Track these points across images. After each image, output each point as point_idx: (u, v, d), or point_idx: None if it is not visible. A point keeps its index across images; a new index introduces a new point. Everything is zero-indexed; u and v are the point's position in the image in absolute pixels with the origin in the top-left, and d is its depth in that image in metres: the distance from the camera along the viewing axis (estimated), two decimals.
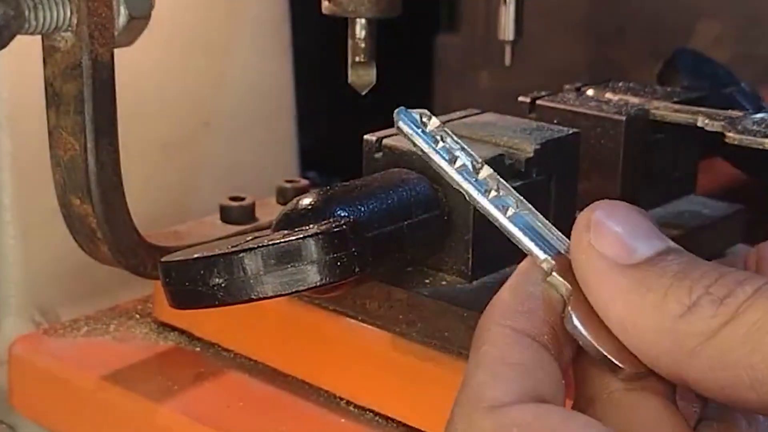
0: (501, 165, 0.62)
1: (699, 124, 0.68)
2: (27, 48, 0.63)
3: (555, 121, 0.70)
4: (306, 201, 0.57)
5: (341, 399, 0.67)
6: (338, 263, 0.53)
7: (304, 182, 0.82)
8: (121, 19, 0.63)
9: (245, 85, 0.93)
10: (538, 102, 0.73)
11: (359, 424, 0.65)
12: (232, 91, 0.92)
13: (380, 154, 0.64)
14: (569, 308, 0.42)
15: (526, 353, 0.41)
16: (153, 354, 0.74)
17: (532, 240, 0.44)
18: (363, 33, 0.70)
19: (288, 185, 0.81)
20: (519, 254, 0.45)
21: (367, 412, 0.66)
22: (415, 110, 0.46)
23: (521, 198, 0.45)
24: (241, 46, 0.92)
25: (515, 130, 0.66)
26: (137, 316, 0.78)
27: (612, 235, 0.41)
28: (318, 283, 0.52)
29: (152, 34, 0.67)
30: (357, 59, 0.70)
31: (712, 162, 0.80)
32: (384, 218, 0.58)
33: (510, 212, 0.44)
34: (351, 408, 0.67)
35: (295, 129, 0.98)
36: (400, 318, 0.63)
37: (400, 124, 0.46)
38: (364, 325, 0.65)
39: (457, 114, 0.69)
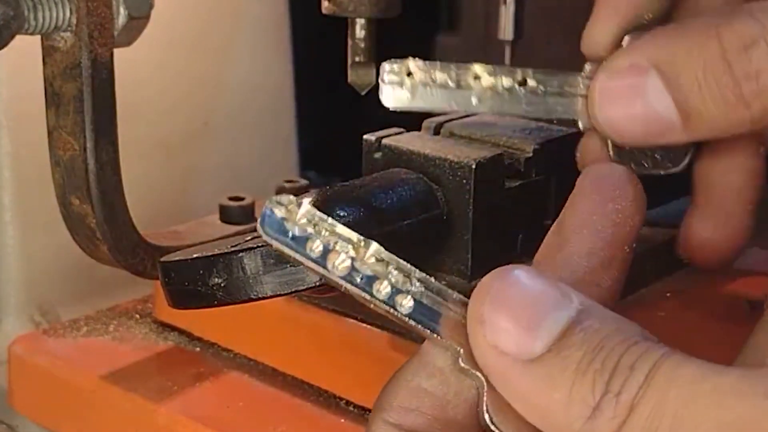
0: (500, 165, 0.62)
1: None
2: (27, 48, 0.63)
3: (554, 121, 0.70)
4: (305, 201, 0.57)
5: (341, 399, 0.67)
6: None
7: (304, 182, 0.81)
8: (121, 19, 0.63)
9: (245, 85, 0.93)
10: None
11: (359, 424, 0.65)
12: (231, 91, 0.92)
13: (380, 153, 0.64)
14: (484, 402, 0.40)
15: None
16: (153, 354, 0.74)
17: (434, 329, 0.41)
18: (363, 33, 0.70)
19: (287, 185, 0.81)
20: (517, 256, 0.44)
21: (367, 412, 0.66)
22: (279, 201, 0.40)
23: (412, 269, 0.41)
24: (241, 46, 0.92)
25: (515, 130, 0.66)
26: (137, 316, 0.78)
27: (505, 331, 0.38)
28: (317, 283, 0.52)
29: (152, 34, 0.67)
30: (357, 59, 0.70)
31: None
32: (383, 218, 0.58)
33: (407, 302, 0.40)
34: (350, 408, 0.67)
35: (295, 129, 0.98)
36: None
37: (264, 235, 0.40)
38: (364, 324, 0.65)
39: (457, 114, 0.69)
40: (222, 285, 0.52)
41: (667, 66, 0.50)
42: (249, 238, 0.55)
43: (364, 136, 0.65)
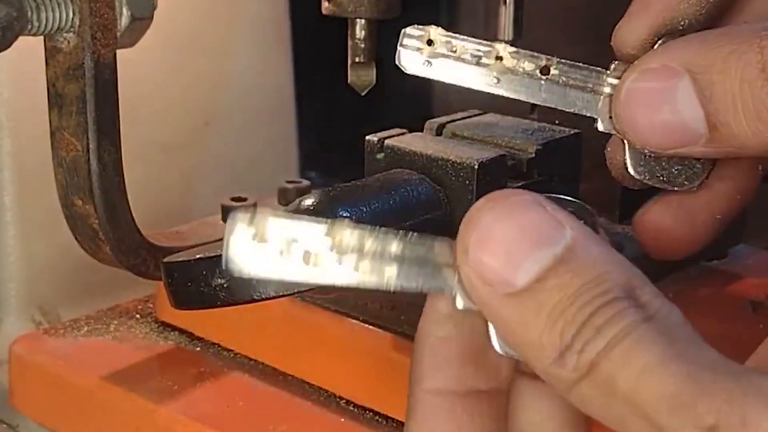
0: (503, 166, 0.62)
1: None
2: (29, 49, 0.63)
3: (556, 122, 0.71)
4: (308, 202, 0.57)
5: (341, 399, 0.67)
6: None
7: (306, 183, 0.81)
8: (124, 20, 0.63)
9: (245, 85, 0.93)
10: None
11: (359, 423, 0.65)
12: (232, 92, 0.92)
13: (382, 154, 0.64)
14: (491, 330, 0.40)
15: (446, 421, 0.41)
16: (153, 354, 0.74)
17: (427, 282, 0.40)
18: (363, 33, 0.70)
19: (289, 186, 0.81)
20: None
21: (367, 412, 0.66)
22: (242, 224, 0.38)
23: (389, 230, 0.40)
24: (241, 46, 0.92)
25: (517, 130, 0.66)
26: (138, 315, 0.78)
27: (487, 263, 0.38)
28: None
29: (153, 35, 0.67)
30: (357, 59, 0.70)
31: None
32: (386, 219, 0.58)
33: (390, 272, 0.39)
34: (351, 407, 0.67)
35: (295, 129, 0.98)
36: (401, 318, 0.63)
37: (235, 270, 0.38)
38: (366, 325, 0.65)
39: (459, 114, 0.69)
40: (225, 285, 0.52)
41: (702, 73, 0.47)
42: None
43: (367, 137, 0.65)
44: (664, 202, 0.59)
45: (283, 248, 0.38)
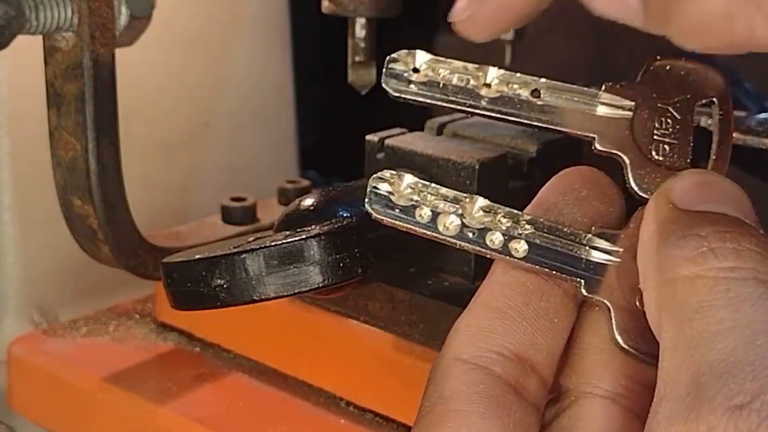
0: (503, 165, 0.62)
1: (702, 124, 0.68)
2: (28, 48, 0.63)
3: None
4: (308, 201, 0.57)
5: (341, 399, 0.67)
6: (341, 264, 0.52)
7: (306, 183, 0.81)
8: (123, 19, 0.63)
9: (245, 85, 0.93)
10: None
11: (359, 424, 0.65)
12: (232, 91, 0.92)
13: (382, 154, 0.64)
14: (613, 325, 0.41)
15: (516, 294, 0.41)
16: (153, 354, 0.74)
17: (558, 268, 0.42)
18: (363, 32, 0.69)
19: (289, 186, 0.81)
20: None
21: (367, 413, 0.66)
22: (382, 177, 0.43)
23: (520, 213, 0.42)
24: (241, 45, 0.92)
25: (517, 130, 0.66)
26: (137, 316, 0.78)
27: (686, 184, 0.41)
28: (320, 284, 0.52)
29: (153, 34, 0.66)
30: (357, 59, 0.70)
31: None
32: None
33: (521, 247, 0.41)
34: (351, 408, 0.67)
35: (295, 129, 0.98)
36: (402, 319, 0.62)
37: (373, 213, 0.43)
38: (366, 326, 0.65)
39: (460, 114, 0.69)
40: (224, 286, 0.52)
41: None
42: (251, 238, 0.55)
43: (367, 137, 0.65)
44: None
45: (415, 204, 0.42)
